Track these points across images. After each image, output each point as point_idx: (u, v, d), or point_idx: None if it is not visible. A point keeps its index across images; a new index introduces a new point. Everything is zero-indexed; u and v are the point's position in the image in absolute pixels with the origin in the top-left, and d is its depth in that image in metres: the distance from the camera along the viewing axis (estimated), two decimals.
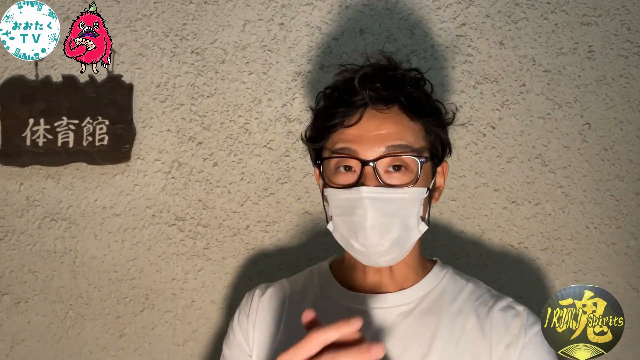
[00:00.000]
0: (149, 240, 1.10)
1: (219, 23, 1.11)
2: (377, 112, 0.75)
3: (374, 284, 0.81)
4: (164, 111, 1.11)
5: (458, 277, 0.84)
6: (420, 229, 0.77)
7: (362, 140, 0.75)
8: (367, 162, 0.73)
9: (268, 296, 0.86)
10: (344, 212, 0.76)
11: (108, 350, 1.10)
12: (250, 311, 0.86)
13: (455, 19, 1.09)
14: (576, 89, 1.08)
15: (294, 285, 0.87)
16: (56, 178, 1.11)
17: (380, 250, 0.75)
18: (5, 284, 1.11)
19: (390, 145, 0.74)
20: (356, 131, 0.75)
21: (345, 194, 0.75)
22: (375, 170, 0.73)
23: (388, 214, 0.73)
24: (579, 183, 1.08)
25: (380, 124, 0.75)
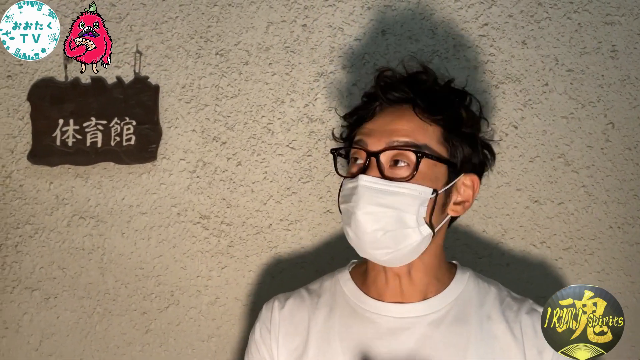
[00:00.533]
0: (174, 238, 1.13)
1: (242, 25, 1.12)
2: (393, 110, 0.79)
3: (397, 292, 0.80)
4: (189, 112, 1.13)
5: (480, 281, 0.84)
6: (421, 231, 0.76)
7: (372, 134, 0.78)
8: (372, 154, 0.76)
9: (289, 310, 0.85)
10: (345, 200, 0.78)
11: (134, 346, 1.13)
12: (272, 325, 0.84)
13: (478, 19, 1.09)
14: (599, 89, 1.08)
15: (315, 296, 0.86)
16: (85, 177, 1.13)
17: (371, 240, 0.75)
18: (35, 280, 1.14)
19: (396, 140, 0.76)
20: (371, 125, 0.80)
21: (348, 183, 0.78)
22: (378, 162, 0.76)
23: (382, 205, 0.74)
24: (602, 182, 1.07)
25: (392, 120, 0.78)
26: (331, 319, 0.81)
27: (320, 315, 0.82)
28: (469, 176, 0.81)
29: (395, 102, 0.80)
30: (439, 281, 0.81)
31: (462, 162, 0.79)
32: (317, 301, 0.84)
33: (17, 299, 1.14)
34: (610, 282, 1.07)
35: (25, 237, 1.14)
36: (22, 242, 1.14)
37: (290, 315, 0.84)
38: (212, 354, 1.12)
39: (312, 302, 0.84)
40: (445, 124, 0.78)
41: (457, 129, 0.79)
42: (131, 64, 1.13)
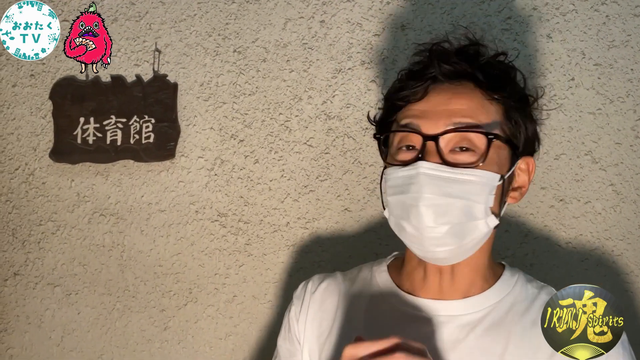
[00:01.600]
0: (193, 235, 1.13)
1: (260, 22, 1.12)
2: (447, 86, 0.70)
3: (434, 288, 0.73)
4: (207, 109, 1.13)
5: (529, 285, 0.76)
6: (488, 222, 0.69)
7: (426, 115, 0.69)
8: (429, 137, 0.67)
9: (320, 294, 0.81)
10: (399, 190, 0.69)
11: (153, 342, 1.13)
12: (302, 308, 0.81)
13: (500, 12, 1.06)
14: (629, 83, 1.04)
15: (349, 282, 0.81)
16: (105, 175, 1.15)
17: (435, 235, 0.67)
18: (57, 276, 1.15)
19: (458, 122, 0.67)
20: (422, 106, 0.70)
21: (402, 171, 0.68)
22: (438, 147, 0.67)
23: (448, 195, 0.66)
24: (631, 181, 1.03)
25: (450, 98, 0.69)
26: (358, 309, 0.77)
27: (348, 304, 0.78)
28: (525, 159, 0.73)
29: (452, 78, 0.70)
30: (485, 280, 0.74)
31: (524, 144, 0.72)
32: (349, 288, 0.80)
33: (39, 295, 1.16)
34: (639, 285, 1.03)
35: (48, 234, 1.16)
36: (44, 239, 1.16)
37: (321, 300, 0.80)
38: (229, 352, 1.12)
39: (345, 289, 0.80)
40: (508, 102, 0.70)
41: (520, 106, 0.71)
42: (150, 62, 1.13)
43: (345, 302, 0.79)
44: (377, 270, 0.81)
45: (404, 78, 0.75)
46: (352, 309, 0.78)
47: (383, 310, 0.76)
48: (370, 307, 0.77)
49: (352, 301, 0.79)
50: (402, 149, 0.71)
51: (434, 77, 0.70)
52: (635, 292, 1.03)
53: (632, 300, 1.03)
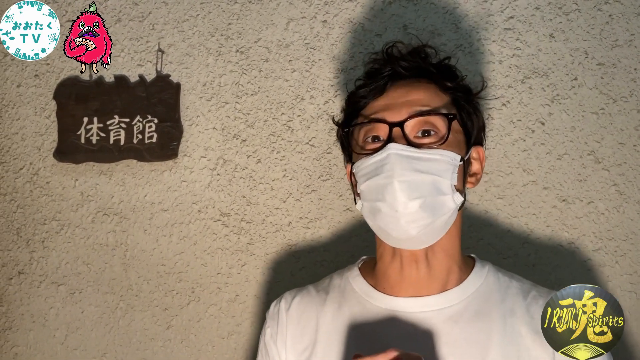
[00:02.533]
0: (195, 235, 1.13)
1: (262, 22, 1.12)
2: (406, 82, 0.77)
3: (413, 284, 0.75)
4: (210, 109, 1.13)
5: (500, 274, 0.80)
6: (455, 198, 0.73)
7: (389, 107, 0.75)
8: (395, 124, 0.73)
9: (296, 310, 0.81)
10: (371, 175, 0.73)
11: (156, 341, 1.14)
12: (279, 327, 0.81)
13: (503, 12, 1.06)
14: (632, 83, 1.03)
15: (324, 293, 0.82)
16: (108, 174, 1.15)
17: (409, 211, 0.70)
18: (61, 275, 1.16)
19: (419, 110, 0.74)
20: (383, 100, 0.76)
21: (372, 158, 0.73)
22: (404, 132, 0.73)
23: (418, 171, 0.71)
24: (634, 181, 1.03)
25: (408, 91, 0.76)
26: (340, 317, 0.77)
27: (329, 314, 0.79)
28: (476, 148, 0.80)
29: (408, 73, 0.77)
30: (460, 269, 0.77)
31: (475, 134, 0.79)
32: (325, 298, 0.81)
33: (43, 294, 1.17)
34: None
35: (52, 233, 1.17)
36: (48, 238, 1.17)
37: (297, 316, 0.80)
38: (232, 351, 1.12)
39: (320, 300, 0.81)
40: (458, 93, 0.78)
41: (469, 98, 0.79)
42: (153, 63, 1.14)
43: (324, 314, 0.79)
44: (350, 276, 0.82)
45: (362, 79, 0.81)
46: (333, 320, 0.78)
47: (365, 318, 0.76)
48: (352, 315, 0.77)
49: (331, 312, 0.79)
50: (368, 141, 0.76)
51: (391, 74, 0.77)
52: (639, 293, 1.03)
53: (636, 301, 1.02)
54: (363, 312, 0.76)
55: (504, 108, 1.05)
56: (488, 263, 0.81)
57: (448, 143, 0.73)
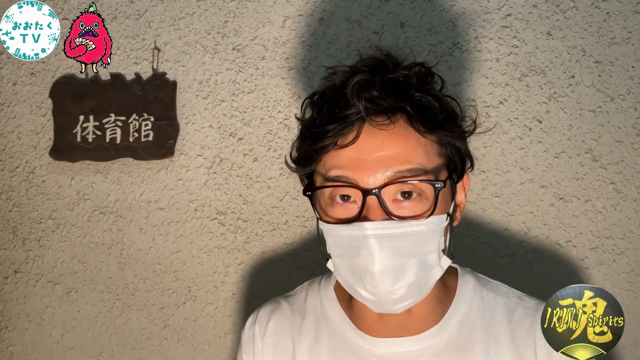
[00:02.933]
0: (192, 233, 1.13)
1: (259, 20, 1.12)
2: (378, 127, 0.61)
3: (393, 328, 0.69)
4: (206, 107, 1.13)
5: (484, 291, 0.72)
6: (442, 265, 0.64)
7: (361, 166, 0.60)
8: (370, 192, 0.60)
9: (271, 335, 0.74)
10: (346, 253, 0.62)
11: (152, 340, 1.14)
12: (255, 356, 0.75)
13: (500, 10, 1.06)
14: (629, 81, 1.03)
15: (299, 316, 0.75)
16: (104, 173, 1.15)
17: (395, 297, 0.62)
18: (57, 274, 1.16)
19: (398, 170, 0.60)
20: (353, 153, 0.61)
21: (345, 230, 0.61)
22: (381, 201, 0.60)
23: (402, 254, 0.60)
24: (632, 179, 1.02)
25: (383, 142, 0.61)
26: (317, 350, 0.71)
27: (306, 343, 0.72)
28: (461, 180, 0.68)
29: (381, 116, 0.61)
30: (442, 303, 0.70)
31: (461, 170, 0.66)
32: (300, 324, 0.74)
33: (40, 293, 1.16)
34: None
35: (48, 232, 1.16)
36: (44, 237, 1.17)
37: (273, 343, 0.74)
38: (228, 350, 1.12)
39: (297, 325, 0.74)
40: (442, 132, 0.63)
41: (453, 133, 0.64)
42: (149, 61, 1.13)
43: (301, 342, 0.73)
44: (326, 299, 0.74)
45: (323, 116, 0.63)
46: (310, 350, 0.72)
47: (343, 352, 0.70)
48: (330, 349, 0.71)
49: (307, 340, 0.72)
50: (337, 201, 0.62)
51: (361, 118, 0.61)
52: (637, 291, 1.02)
53: (633, 299, 1.02)
54: (341, 348, 0.70)
55: (501, 106, 1.05)
56: (472, 277, 0.73)
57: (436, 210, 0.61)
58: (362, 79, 0.61)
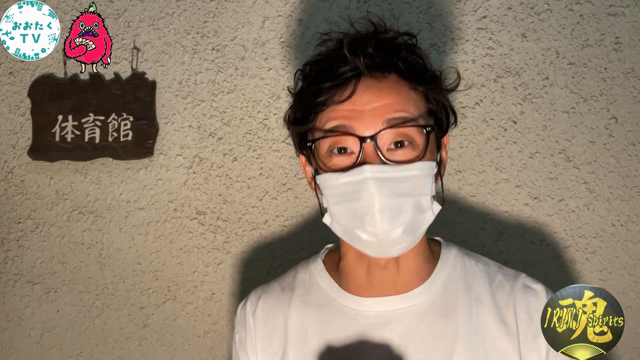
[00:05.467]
0: (171, 233, 1.13)
1: (238, 20, 1.12)
2: (373, 82, 0.66)
3: (381, 285, 0.72)
4: (186, 107, 1.13)
5: (467, 259, 0.76)
6: (434, 210, 0.68)
7: (357, 116, 0.65)
8: (366, 139, 0.64)
9: (262, 312, 0.77)
10: (345, 198, 0.66)
11: (132, 340, 1.14)
12: (247, 332, 0.78)
13: (476, 12, 1.07)
14: (602, 82, 1.05)
15: (289, 291, 0.78)
16: (84, 172, 1.15)
17: (392, 237, 0.65)
18: (36, 274, 1.15)
19: (391, 118, 0.65)
20: (350, 106, 0.66)
21: (344, 177, 0.65)
22: (377, 147, 0.64)
23: (399, 194, 0.65)
24: (604, 179, 1.04)
25: (377, 95, 0.66)
26: (308, 317, 0.74)
27: (296, 313, 0.75)
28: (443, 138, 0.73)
29: (376, 72, 0.66)
30: (428, 263, 0.74)
31: (445, 125, 0.72)
32: (290, 297, 0.77)
33: (18, 293, 1.16)
34: (613, 282, 1.04)
35: (27, 232, 1.16)
36: (23, 237, 1.16)
37: (264, 318, 0.77)
38: (208, 349, 1.12)
39: (286, 299, 0.77)
40: (428, 87, 0.69)
41: (438, 90, 0.70)
42: (128, 60, 1.13)
43: (291, 313, 0.75)
44: (315, 270, 0.78)
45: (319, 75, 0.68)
46: (301, 319, 0.75)
47: (333, 315, 0.73)
48: (320, 314, 0.74)
49: (298, 311, 0.75)
50: (334, 153, 0.67)
51: (358, 74, 0.66)
52: (609, 289, 1.04)
53: None
54: (331, 312, 0.74)
55: (477, 107, 1.07)
56: (454, 247, 0.77)
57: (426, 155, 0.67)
58: (357, 37, 0.67)
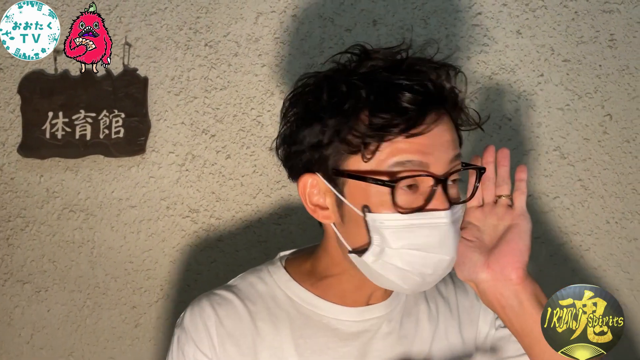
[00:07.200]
0: (164, 231, 1.12)
1: (232, 16, 1.11)
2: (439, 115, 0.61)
3: (363, 297, 0.70)
4: (178, 104, 1.12)
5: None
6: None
7: (431, 151, 0.60)
8: (442, 180, 0.60)
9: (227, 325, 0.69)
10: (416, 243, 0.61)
11: (124, 340, 1.13)
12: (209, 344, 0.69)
13: (471, 8, 1.07)
14: (597, 79, 1.05)
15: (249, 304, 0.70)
16: (75, 170, 1.13)
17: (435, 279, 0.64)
18: (26, 273, 1.14)
19: (455, 156, 0.62)
20: (425, 140, 0.60)
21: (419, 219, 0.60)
22: (446, 188, 0.61)
23: (459, 237, 0.64)
24: (599, 176, 1.05)
25: (445, 128, 0.61)
26: (281, 333, 0.69)
27: (265, 331, 0.69)
28: None
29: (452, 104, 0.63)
30: None
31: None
32: (253, 310, 0.70)
33: (8, 292, 1.15)
34: (608, 279, 1.04)
35: (17, 230, 1.15)
36: (13, 235, 1.15)
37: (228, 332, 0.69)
38: None
39: (247, 313, 0.69)
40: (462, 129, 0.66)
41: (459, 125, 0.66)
42: (120, 56, 1.12)
43: (259, 331, 0.69)
44: (279, 281, 0.72)
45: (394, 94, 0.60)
46: (272, 337, 0.69)
47: (311, 328, 0.69)
48: (295, 329, 0.69)
49: (267, 328, 0.69)
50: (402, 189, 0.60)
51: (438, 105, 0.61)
52: (603, 286, 1.05)
53: None
54: (307, 324, 0.69)
55: (472, 104, 1.06)
56: None
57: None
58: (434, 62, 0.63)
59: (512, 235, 0.68)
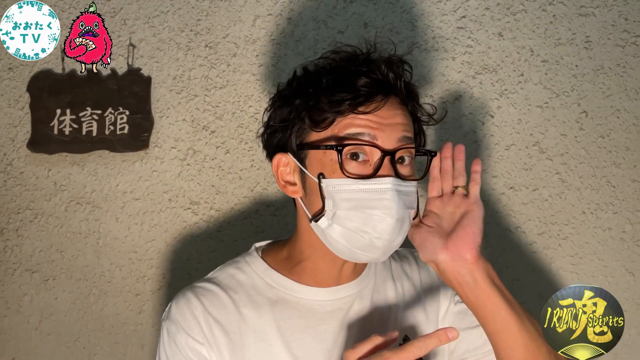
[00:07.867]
0: (166, 222, 1.18)
1: (230, 18, 1.17)
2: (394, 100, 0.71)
3: (336, 276, 0.77)
4: (180, 102, 1.18)
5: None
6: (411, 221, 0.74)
7: (382, 128, 0.69)
8: (388, 153, 0.69)
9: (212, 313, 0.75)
10: (359, 205, 0.68)
11: (128, 325, 1.18)
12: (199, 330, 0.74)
13: (456, 12, 1.13)
14: (573, 79, 1.11)
15: (232, 293, 0.77)
16: (81, 164, 1.19)
17: (395, 244, 0.71)
18: (35, 263, 1.19)
19: (404, 137, 0.71)
20: (374, 117, 0.69)
21: (363, 185, 0.68)
22: (394, 162, 0.69)
23: (406, 207, 0.70)
24: (575, 170, 1.11)
25: (395, 112, 0.71)
26: (263, 317, 0.75)
27: (249, 317, 0.75)
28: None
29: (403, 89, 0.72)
30: None
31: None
32: (235, 299, 0.76)
33: (18, 281, 1.20)
34: (583, 266, 1.10)
35: (26, 222, 1.20)
36: (22, 227, 1.20)
37: (216, 319, 0.75)
38: None
39: (231, 302, 0.76)
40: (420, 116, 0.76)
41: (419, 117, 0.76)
42: (125, 57, 1.18)
43: (243, 317, 0.74)
44: (258, 269, 0.79)
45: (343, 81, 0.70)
46: (256, 321, 0.74)
47: (291, 310, 0.75)
48: (276, 312, 0.75)
49: (250, 313, 0.75)
50: (351, 159, 0.70)
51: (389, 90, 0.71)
52: (580, 273, 1.11)
53: (577, 280, 1.10)
54: (287, 307, 0.75)
55: (457, 102, 1.13)
56: None
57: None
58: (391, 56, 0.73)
59: (467, 220, 0.74)
